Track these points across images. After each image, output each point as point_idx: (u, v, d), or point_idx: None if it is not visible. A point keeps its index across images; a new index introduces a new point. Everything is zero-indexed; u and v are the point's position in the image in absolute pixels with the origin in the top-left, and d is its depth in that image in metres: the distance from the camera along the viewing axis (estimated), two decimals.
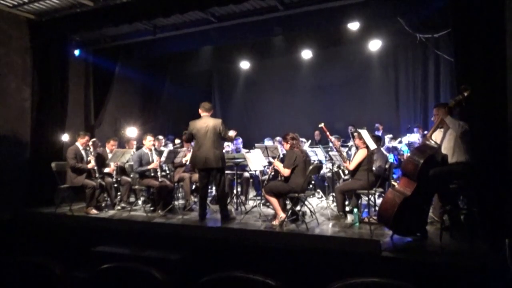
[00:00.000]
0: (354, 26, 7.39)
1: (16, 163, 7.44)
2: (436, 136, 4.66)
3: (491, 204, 4.30)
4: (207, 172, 5.71)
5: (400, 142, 8.18)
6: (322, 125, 5.96)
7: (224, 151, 6.27)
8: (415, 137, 7.79)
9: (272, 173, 6.64)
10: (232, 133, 5.97)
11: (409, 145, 7.35)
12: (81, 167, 6.39)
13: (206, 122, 5.67)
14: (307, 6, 6.74)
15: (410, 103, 10.19)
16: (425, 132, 7.37)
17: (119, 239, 5.08)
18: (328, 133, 6.06)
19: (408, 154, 5.59)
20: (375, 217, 4.96)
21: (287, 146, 5.52)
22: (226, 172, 6.42)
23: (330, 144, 7.57)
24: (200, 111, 5.82)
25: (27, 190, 7.43)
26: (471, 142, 4.48)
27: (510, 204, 4.08)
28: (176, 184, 6.68)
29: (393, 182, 6.09)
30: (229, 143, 7.57)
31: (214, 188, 7.57)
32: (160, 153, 6.79)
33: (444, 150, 4.56)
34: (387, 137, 8.28)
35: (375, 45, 8.88)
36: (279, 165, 5.49)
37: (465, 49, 4.82)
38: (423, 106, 9.87)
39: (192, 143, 7.28)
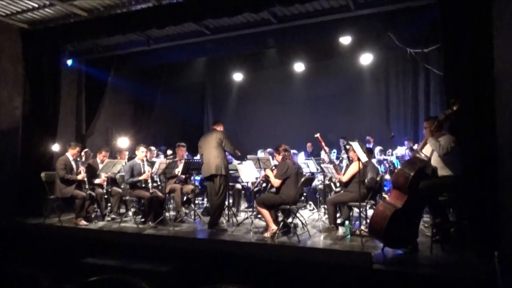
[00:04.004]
0: (345, 40, 7.50)
1: (5, 172, 7.33)
2: (426, 149, 4.71)
3: (480, 216, 4.34)
4: (211, 180, 5.78)
5: (391, 154, 8.25)
6: (318, 135, 5.99)
7: None
8: (404, 150, 7.87)
9: (263, 184, 6.63)
10: (238, 152, 6.07)
11: (399, 157, 7.41)
12: (71, 178, 6.32)
13: (210, 134, 5.92)
14: (300, 20, 6.85)
15: (400, 116, 10.31)
16: (415, 145, 7.45)
17: (109, 251, 5.02)
18: (323, 143, 6.09)
19: (399, 167, 5.64)
20: (366, 229, 4.97)
21: (279, 157, 5.54)
22: None
23: (322, 156, 7.60)
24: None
25: (16, 200, 7.31)
26: (461, 155, 4.53)
27: (499, 217, 4.12)
28: (167, 195, 6.64)
29: (384, 195, 6.13)
30: None
31: (206, 199, 7.57)
32: (152, 164, 6.76)
33: (433, 162, 4.60)
34: (377, 150, 8.34)
35: (366, 58, 9.00)
36: (270, 174, 5.50)
37: (454, 63, 4.92)
38: (414, 119, 9.99)
39: (186, 155, 7.32)
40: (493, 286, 3.21)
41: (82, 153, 7.00)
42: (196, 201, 7.46)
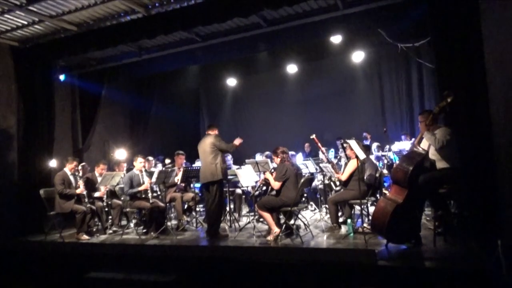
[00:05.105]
0: (336, 39, 7.53)
1: (4, 191, 7.29)
2: (424, 143, 4.72)
3: (481, 206, 4.35)
4: (207, 187, 5.77)
5: (389, 150, 8.26)
6: (313, 136, 6.01)
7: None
8: (404, 145, 7.87)
9: (264, 188, 6.62)
10: (237, 141, 5.93)
11: (398, 152, 7.42)
12: (69, 193, 6.29)
13: (205, 140, 5.87)
14: (289, 21, 6.88)
15: (396, 111, 10.35)
16: (413, 139, 7.45)
17: (112, 264, 5.00)
18: (319, 144, 6.10)
19: (397, 162, 5.65)
20: (369, 227, 4.97)
21: (278, 160, 5.54)
22: None
23: (320, 156, 7.61)
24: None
25: (16, 219, 7.26)
26: (458, 146, 4.54)
27: (500, 206, 4.13)
28: (168, 204, 6.62)
29: (384, 191, 6.13)
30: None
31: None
32: (150, 174, 6.74)
33: (431, 155, 4.61)
34: (374, 146, 8.34)
35: (358, 56, 9.03)
36: (269, 177, 5.50)
37: (445, 56, 4.96)
38: (409, 113, 10.03)
39: (184, 163, 7.32)
40: (498, 275, 3.21)
41: (79, 167, 6.98)
42: (197, 209, 7.44)
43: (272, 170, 5.82)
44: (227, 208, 6.81)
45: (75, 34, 7.12)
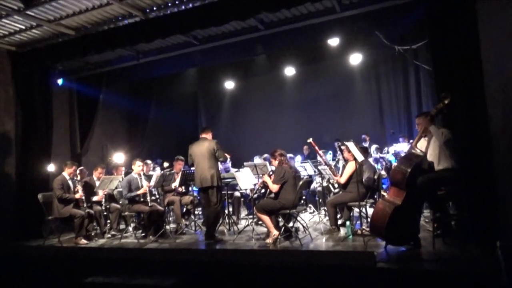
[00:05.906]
0: (334, 41, 7.55)
1: (2, 196, 7.27)
2: (421, 144, 4.74)
3: (480, 208, 4.35)
4: (206, 191, 5.74)
5: (387, 152, 8.27)
6: (310, 140, 6.01)
7: None
8: (402, 147, 7.89)
9: (262, 190, 6.62)
10: (227, 155, 6.08)
11: (396, 154, 7.43)
12: (68, 197, 6.28)
13: (202, 143, 5.85)
14: (287, 24, 6.89)
15: (394, 113, 10.39)
16: (411, 141, 7.47)
17: (111, 268, 4.99)
18: (317, 147, 6.11)
19: (396, 164, 5.66)
20: (368, 229, 4.97)
21: (276, 162, 5.54)
22: None
23: (319, 159, 7.62)
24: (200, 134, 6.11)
25: (14, 223, 7.24)
26: (456, 148, 4.56)
27: (499, 207, 4.14)
28: (166, 207, 6.61)
29: (383, 193, 6.13)
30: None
31: None
32: (149, 178, 6.73)
33: (429, 157, 4.63)
34: (373, 147, 8.36)
35: (355, 59, 9.05)
36: (268, 180, 5.50)
37: (442, 58, 4.98)
38: (407, 115, 10.06)
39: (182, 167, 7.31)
40: (498, 277, 3.22)
41: (77, 171, 6.97)
42: (196, 212, 7.43)
43: (271, 173, 5.82)
44: (226, 211, 6.81)
45: (73, 38, 7.12)
